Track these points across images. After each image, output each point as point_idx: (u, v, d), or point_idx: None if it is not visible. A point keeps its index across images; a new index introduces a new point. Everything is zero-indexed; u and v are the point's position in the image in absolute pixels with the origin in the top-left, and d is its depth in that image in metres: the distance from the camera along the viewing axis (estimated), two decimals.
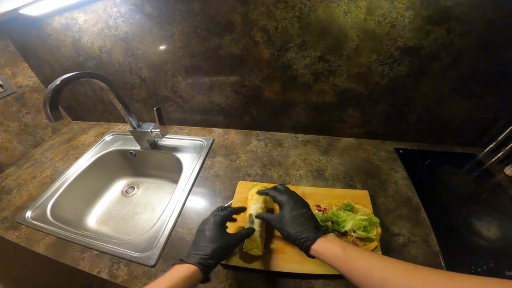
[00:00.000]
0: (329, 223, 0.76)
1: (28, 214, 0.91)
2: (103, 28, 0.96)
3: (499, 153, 1.02)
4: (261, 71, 0.99)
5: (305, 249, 0.55)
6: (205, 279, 0.55)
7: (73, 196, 1.04)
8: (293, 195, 0.67)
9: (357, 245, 0.72)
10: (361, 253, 0.49)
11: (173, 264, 0.56)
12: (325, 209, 0.81)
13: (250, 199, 0.83)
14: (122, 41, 0.99)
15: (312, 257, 0.56)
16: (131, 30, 0.95)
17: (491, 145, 1.05)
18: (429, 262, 0.70)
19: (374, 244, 0.72)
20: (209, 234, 0.60)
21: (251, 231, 0.68)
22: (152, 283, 0.51)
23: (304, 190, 0.90)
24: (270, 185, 0.90)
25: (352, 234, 0.73)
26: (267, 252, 0.73)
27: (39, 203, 0.94)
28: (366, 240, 0.73)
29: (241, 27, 0.89)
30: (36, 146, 1.25)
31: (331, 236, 0.56)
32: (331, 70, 0.94)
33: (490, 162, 1.04)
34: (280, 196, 0.67)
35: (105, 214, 1.12)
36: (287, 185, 0.75)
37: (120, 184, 1.24)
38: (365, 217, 0.74)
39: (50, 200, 0.96)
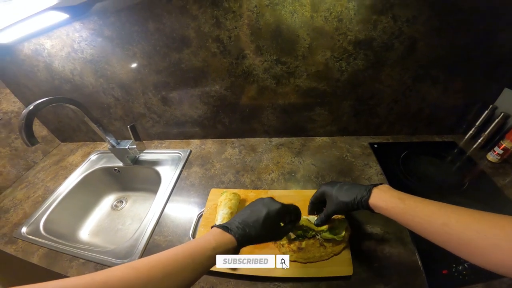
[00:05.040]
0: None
1: (24, 230, 0.98)
2: (70, 52, 1.01)
3: (479, 139, 0.98)
4: (224, 80, 1.01)
5: (365, 206, 0.56)
6: (236, 252, 0.54)
7: (64, 212, 1.10)
8: (328, 182, 0.69)
9: (324, 246, 0.71)
10: (420, 201, 0.48)
11: (213, 227, 0.56)
12: None
13: (219, 205, 0.85)
14: (90, 63, 1.03)
15: (374, 212, 0.56)
16: (96, 53, 1.00)
17: (471, 131, 1.01)
18: (405, 261, 0.68)
19: (342, 245, 0.70)
20: (265, 217, 0.57)
21: (292, 226, 0.66)
22: (197, 245, 0.49)
23: (274, 193, 0.90)
24: (239, 191, 0.92)
25: (319, 236, 0.72)
26: None
27: (33, 220, 1.02)
28: (332, 241, 0.71)
29: (196, 40, 0.91)
30: (28, 169, 1.32)
31: (384, 186, 0.56)
32: (290, 72, 0.95)
33: (471, 150, 1.00)
34: (320, 190, 0.68)
35: (97, 227, 1.17)
36: (258, 190, 0.86)
37: (109, 199, 1.29)
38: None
39: (42, 216, 1.03)
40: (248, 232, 0.55)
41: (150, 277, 0.41)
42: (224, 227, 0.55)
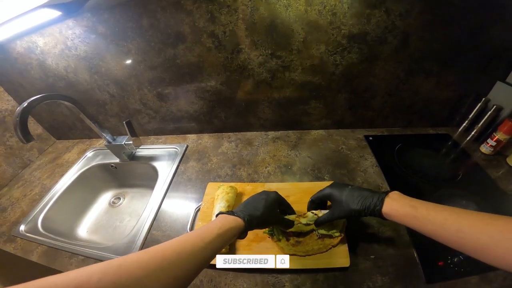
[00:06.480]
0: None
1: (22, 228, 0.97)
2: (63, 49, 1.00)
3: (472, 131, 1.00)
4: (220, 75, 1.01)
5: (378, 215, 0.56)
6: (243, 235, 0.60)
7: (61, 209, 1.10)
8: (333, 184, 0.70)
9: (322, 239, 0.72)
10: (432, 208, 0.49)
11: (218, 214, 0.62)
12: None
13: (216, 199, 0.86)
14: (84, 60, 1.03)
15: (385, 219, 0.57)
16: (90, 49, 0.99)
17: (464, 123, 1.03)
18: (401, 253, 0.69)
19: (337, 240, 0.71)
20: (265, 202, 0.65)
21: (290, 222, 0.71)
22: (204, 227, 0.53)
23: (270, 186, 0.91)
24: (236, 184, 0.93)
25: (316, 231, 0.73)
26: (233, 250, 0.75)
27: (30, 218, 1.01)
28: (327, 236, 0.72)
29: (191, 36, 0.91)
30: (24, 167, 1.32)
31: (394, 194, 0.57)
32: (285, 66, 0.95)
33: (465, 142, 1.02)
34: (326, 192, 0.69)
35: (95, 224, 1.17)
36: (255, 183, 0.86)
37: (106, 196, 1.29)
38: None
39: (40, 214, 1.03)
40: (253, 213, 0.61)
41: (164, 257, 0.42)
42: (228, 212, 0.61)
